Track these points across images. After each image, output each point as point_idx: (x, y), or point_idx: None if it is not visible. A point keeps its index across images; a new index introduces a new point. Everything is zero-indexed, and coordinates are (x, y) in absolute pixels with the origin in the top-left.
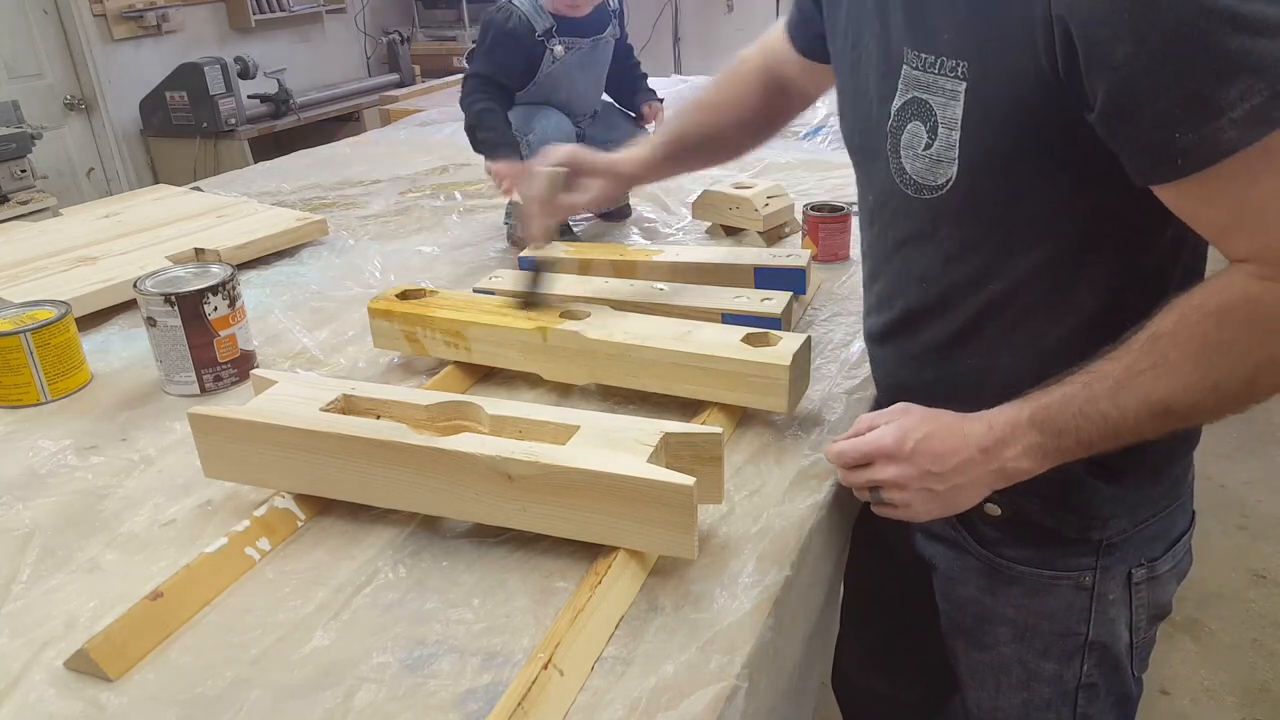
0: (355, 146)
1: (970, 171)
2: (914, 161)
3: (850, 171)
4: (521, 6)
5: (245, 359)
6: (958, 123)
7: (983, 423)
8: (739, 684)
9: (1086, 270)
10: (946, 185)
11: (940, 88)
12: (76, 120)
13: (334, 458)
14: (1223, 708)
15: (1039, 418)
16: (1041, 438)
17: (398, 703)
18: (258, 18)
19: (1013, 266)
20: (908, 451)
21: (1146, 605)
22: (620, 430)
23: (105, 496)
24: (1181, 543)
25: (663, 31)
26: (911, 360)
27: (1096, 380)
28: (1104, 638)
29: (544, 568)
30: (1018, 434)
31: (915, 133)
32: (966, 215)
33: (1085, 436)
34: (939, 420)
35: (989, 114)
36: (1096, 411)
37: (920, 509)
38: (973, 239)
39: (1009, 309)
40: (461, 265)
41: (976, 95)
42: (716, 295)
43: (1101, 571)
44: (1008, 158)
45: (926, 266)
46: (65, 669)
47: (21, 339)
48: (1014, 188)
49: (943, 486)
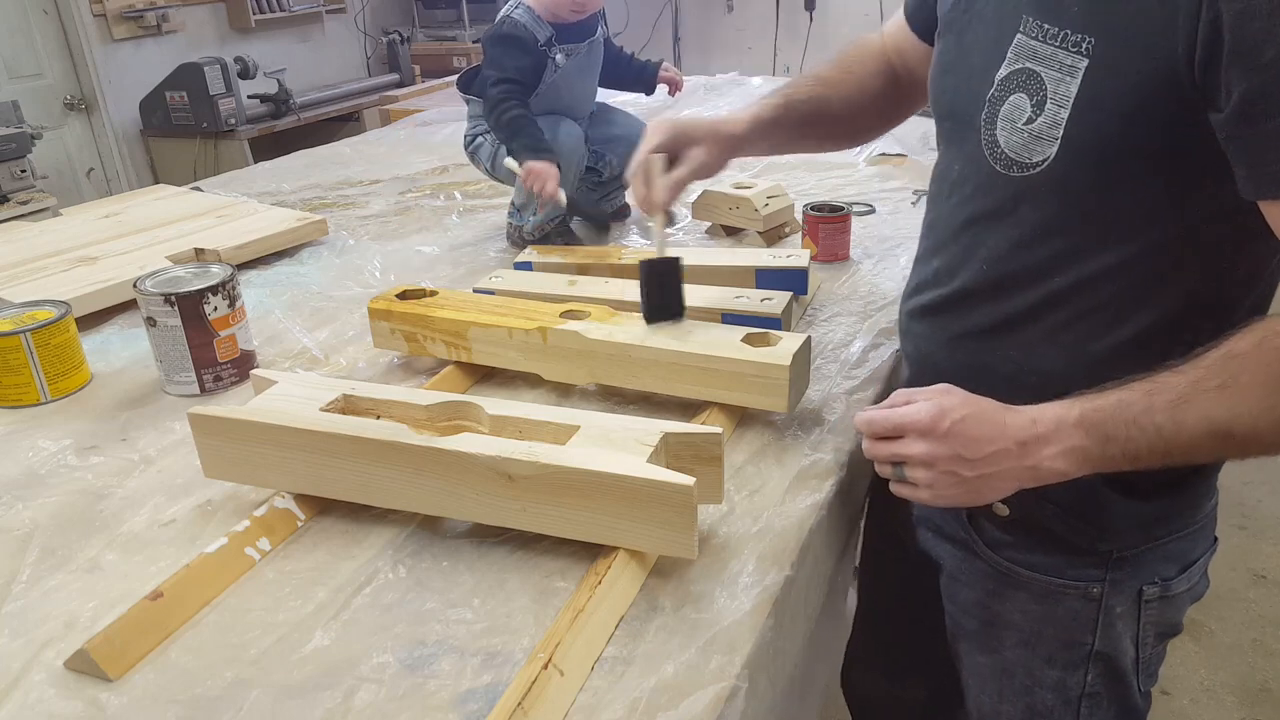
0: (355, 146)
1: (1070, 154)
2: (1010, 135)
3: (849, 172)
4: (522, 19)
5: (245, 359)
6: (1069, 101)
7: (1026, 416)
8: (739, 684)
9: (1154, 285)
10: (1041, 165)
11: (1057, 61)
12: (76, 120)
13: (334, 458)
14: (1223, 708)
15: (1089, 420)
16: (1087, 441)
17: (398, 703)
18: (258, 18)
19: (1081, 265)
20: (943, 430)
21: (1155, 623)
22: (620, 430)
23: (105, 496)
24: (1198, 565)
25: (663, 31)
26: (950, 340)
27: (1158, 391)
28: (1109, 650)
29: (544, 568)
30: (1061, 434)
31: (1018, 105)
32: (1052, 199)
33: (1134, 448)
34: (980, 405)
35: (1106, 96)
36: (1152, 423)
37: (943, 493)
38: (1051, 226)
39: (1065, 308)
40: (461, 265)
41: (1097, 75)
42: (716, 295)
43: (1111, 584)
44: (1114, 147)
45: (994, 246)
46: (65, 669)
47: (21, 339)
48: (1109, 180)
49: (971, 473)
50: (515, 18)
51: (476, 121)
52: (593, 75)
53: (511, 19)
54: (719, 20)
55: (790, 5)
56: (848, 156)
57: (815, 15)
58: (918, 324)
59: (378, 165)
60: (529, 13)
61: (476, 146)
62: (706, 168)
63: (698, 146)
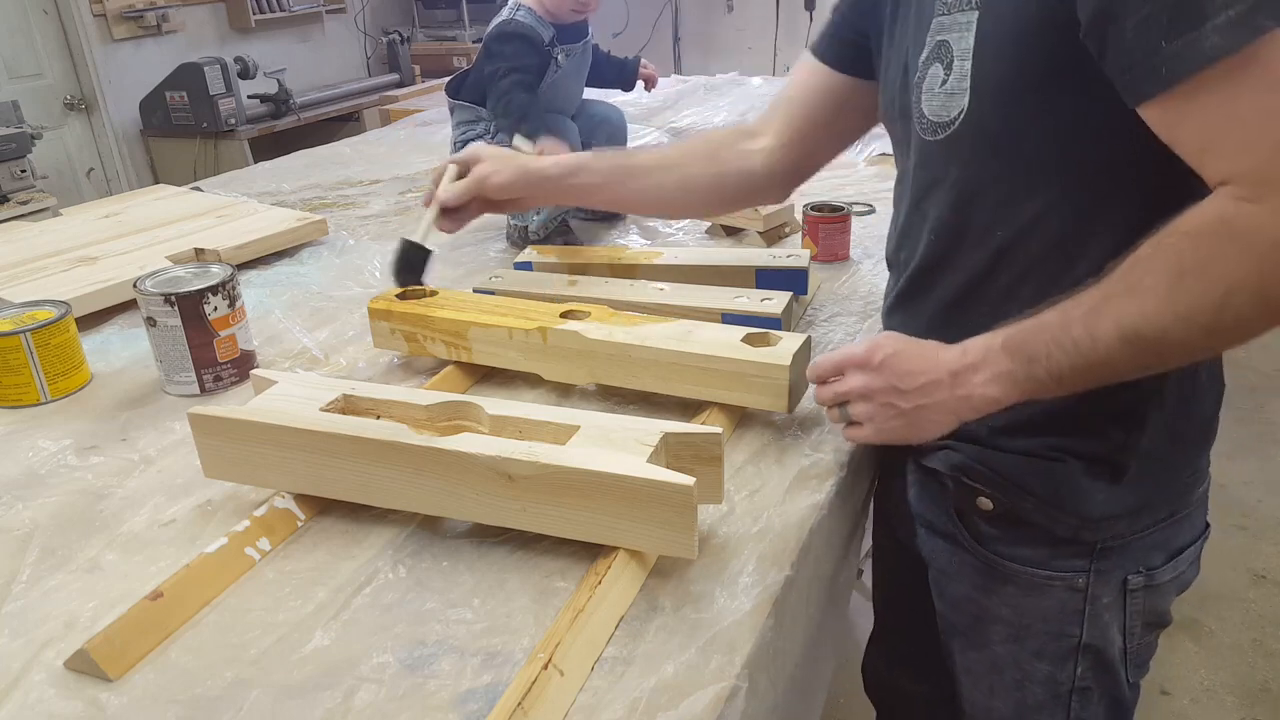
0: (355, 146)
1: (979, 101)
2: (930, 101)
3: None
4: (526, 19)
5: (245, 359)
6: (970, 53)
7: (957, 348)
8: (739, 684)
9: (1095, 222)
10: (958, 118)
11: (957, 24)
12: (76, 120)
13: (334, 458)
14: (1223, 708)
15: (1012, 343)
16: (1012, 364)
17: (398, 703)
18: (258, 18)
19: (1020, 212)
20: (876, 362)
21: (1141, 612)
22: (620, 430)
23: (105, 496)
24: (1186, 554)
25: (663, 31)
26: (924, 322)
27: (1072, 306)
28: (1097, 641)
29: (544, 568)
30: (989, 359)
31: (934, 75)
32: (975, 152)
33: (1056, 365)
34: (915, 342)
35: (996, 38)
36: (1069, 338)
37: (883, 426)
38: (980, 179)
39: (1015, 260)
40: (461, 265)
41: (986, 21)
42: (716, 295)
43: (1096, 575)
44: (1014, 84)
45: (938, 216)
46: (65, 669)
47: (21, 339)
48: (1020, 121)
49: (907, 405)
50: (520, 18)
51: (465, 127)
52: (584, 74)
53: (516, 20)
54: (719, 20)
55: (790, 5)
56: (848, 156)
57: (815, 15)
58: (891, 320)
59: (378, 165)
60: (531, 14)
61: None
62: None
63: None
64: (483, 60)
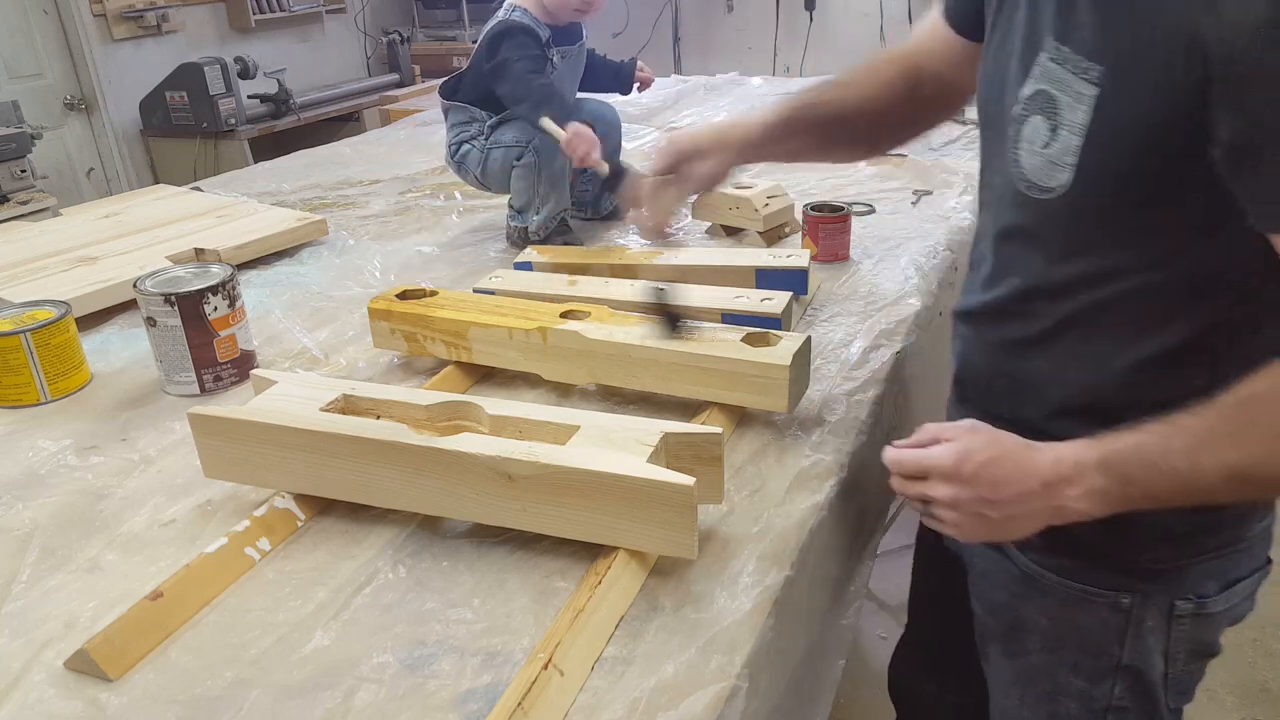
0: (355, 146)
1: (1084, 182)
2: (1030, 157)
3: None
4: (524, 19)
5: (245, 359)
6: (1082, 129)
7: (1049, 456)
8: (739, 684)
9: (1175, 308)
10: (1057, 190)
11: (1071, 87)
12: (76, 120)
13: (334, 458)
14: (1223, 708)
15: (1109, 461)
16: (1106, 482)
17: (398, 703)
18: (258, 18)
19: (1101, 287)
20: (966, 474)
21: (1187, 640)
22: (620, 430)
23: (105, 496)
24: (1241, 586)
25: (663, 31)
26: (988, 348)
27: (1175, 434)
28: (1138, 663)
29: (544, 568)
30: (1083, 475)
31: (1038, 127)
32: (1070, 224)
33: (1153, 489)
34: (1003, 446)
35: (1115, 128)
36: (1170, 466)
37: (970, 532)
38: (1071, 249)
39: (1086, 326)
40: (461, 265)
41: (1105, 105)
42: (716, 295)
43: (1142, 596)
44: (1124, 178)
45: (1025, 264)
46: (65, 669)
47: (21, 339)
48: (1123, 209)
49: (997, 514)
50: (517, 18)
51: (460, 129)
52: (578, 78)
53: (513, 19)
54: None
55: (790, 5)
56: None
57: (815, 15)
58: (962, 326)
59: (378, 165)
60: (528, 14)
61: (464, 155)
62: (710, 179)
63: (699, 160)
64: (482, 58)
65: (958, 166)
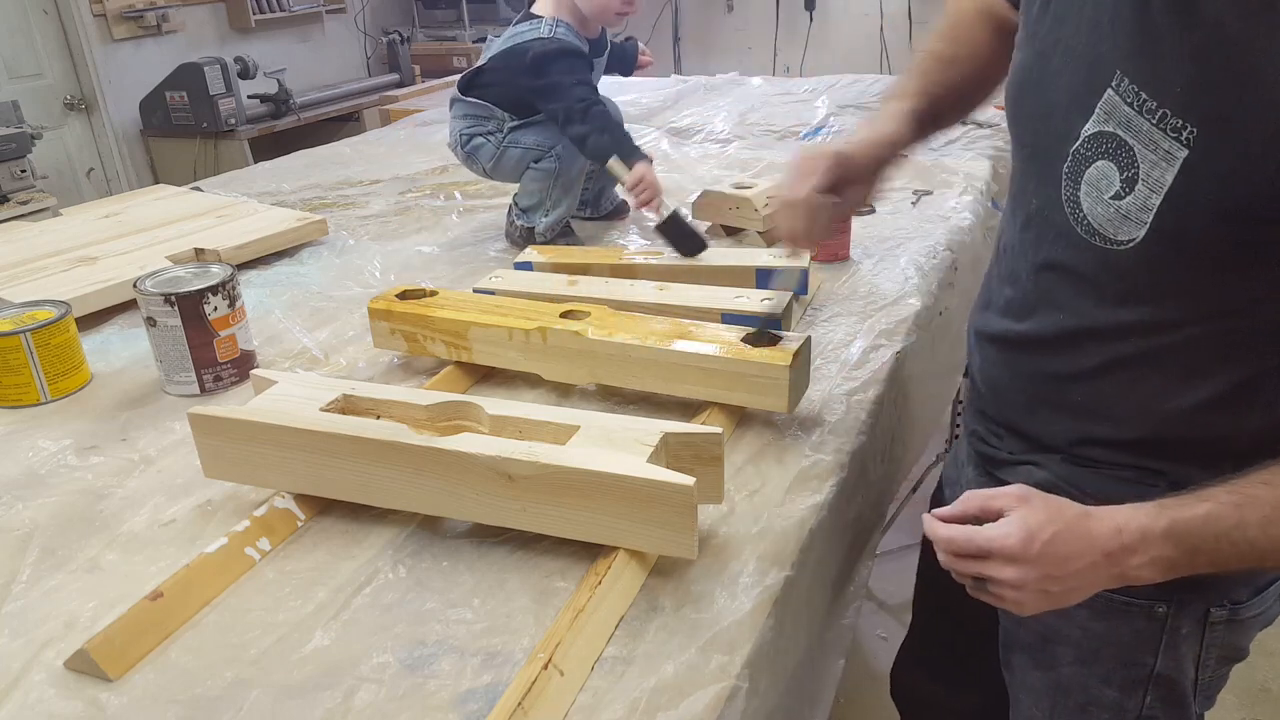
0: (355, 146)
1: (1160, 241)
2: (1095, 204)
3: None
4: (566, 35)
5: (245, 359)
6: (1163, 188)
7: (1111, 524)
8: (739, 684)
9: (1235, 354)
10: (1127, 244)
11: (1154, 142)
12: (76, 120)
13: (334, 458)
14: (1223, 708)
15: (1176, 532)
16: (1174, 553)
17: (398, 703)
18: (258, 18)
19: (1160, 334)
20: (1033, 555)
21: (1219, 646)
22: (620, 430)
23: (105, 496)
24: (1273, 589)
25: (663, 31)
26: (1023, 378)
27: (1249, 506)
28: (1171, 672)
29: (544, 568)
30: (1148, 544)
31: (1105, 173)
32: (1135, 276)
33: (1223, 559)
34: (1064, 517)
35: (1205, 193)
36: (1244, 539)
37: (1031, 608)
38: (1132, 296)
39: (1139, 367)
40: (461, 265)
41: (1196, 169)
42: (716, 295)
43: (1177, 604)
44: (1207, 242)
45: (1073, 303)
46: (65, 669)
47: (21, 339)
48: (1199, 269)
49: (1059, 589)
50: (561, 34)
51: (474, 122)
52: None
53: (557, 37)
54: (719, 20)
55: (790, 5)
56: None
57: (815, 15)
58: (988, 349)
59: (378, 165)
60: (570, 30)
61: (475, 147)
62: (863, 200)
63: (859, 185)
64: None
65: (958, 166)
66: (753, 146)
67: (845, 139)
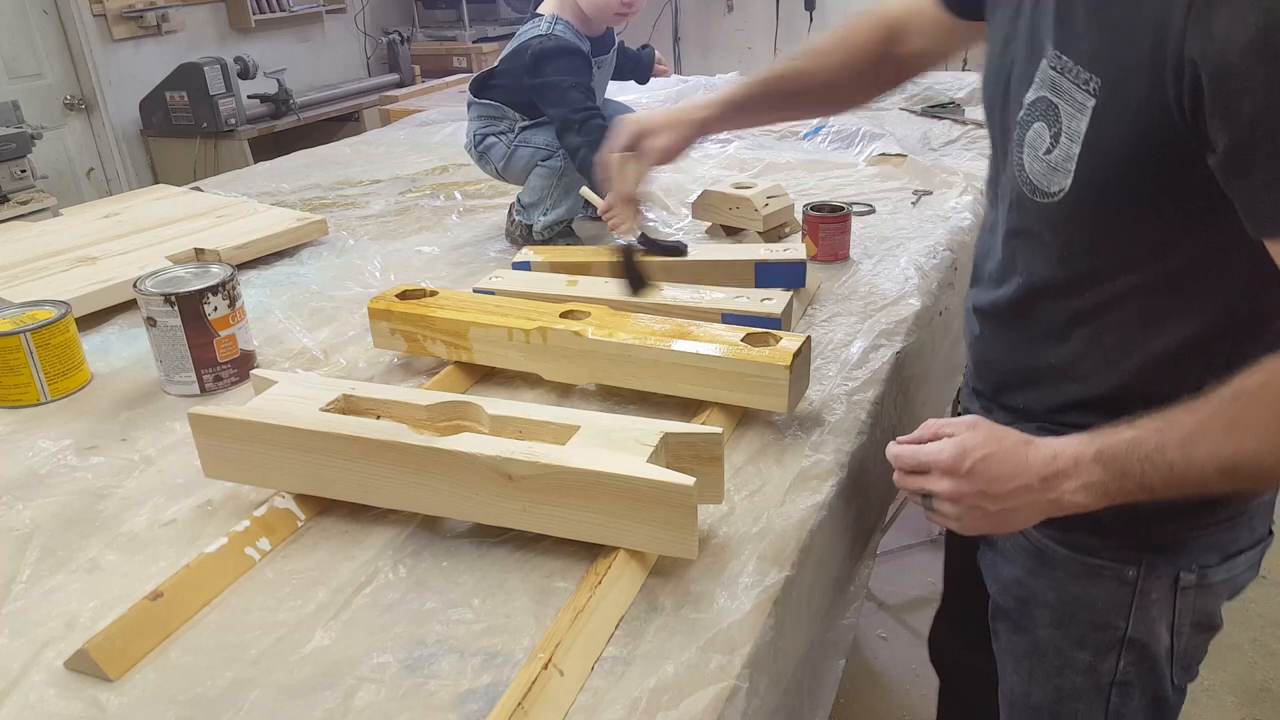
0: (355, 146)
1: (1082, 189)
2: (1033, 162)
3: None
4: (565, 33)
5: (245, 359)
6: (1079, 137)
7: (1047, 451)
8: (739, 684)
9: (1180, 306)
10: (1058, 195)
11: (1071, 96)
12: (76, 120)
13: (334, 458)
14: (1223, 708)
15: (1105, 456)
16: (1104, 476)
17: (398, 703)
18: (258, 18)
19: (1103, 287)
20: (965, 469)
21: (1191, 611)
22: (620, 430)
23: (105, 496)
24: (1243, 557)
25: (663, 31)
26: (1001, 342)
27: (1169, 429)
28: (1143, 636)
29: (544, 568)
30: (1080, 469)
31: (1040, 134)
32: (1070, 227)
33: (1148, 482)
34: (1002, 442)
35: (1111, 137)
36: (1164, 460)
37: (969, 525)
38: (1072, 250)
39: (1094, 324)
40: (461, 265)
41: (1103, 115)
42: (716, 295)
43: (1147, 568)
44: (1122, 184)
45: (1030, 264)
46: (65, 669)
47: (21, 339)
48: (1122, 214)
49: (995, 508)
50: (559, 32)
51: (487, 122)
52: (607, 82)
53: (556, 34)
54: (719, 20)
55: (790, 5)
56: (848, 156)
57: (815, 15)
58: (974, 320)
59: (378, 165)
60: (570, 28)
61: (488, 147)
62: (666, 153)
63: (654, 136)
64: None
65: (958, 166)
66: (753, 146)
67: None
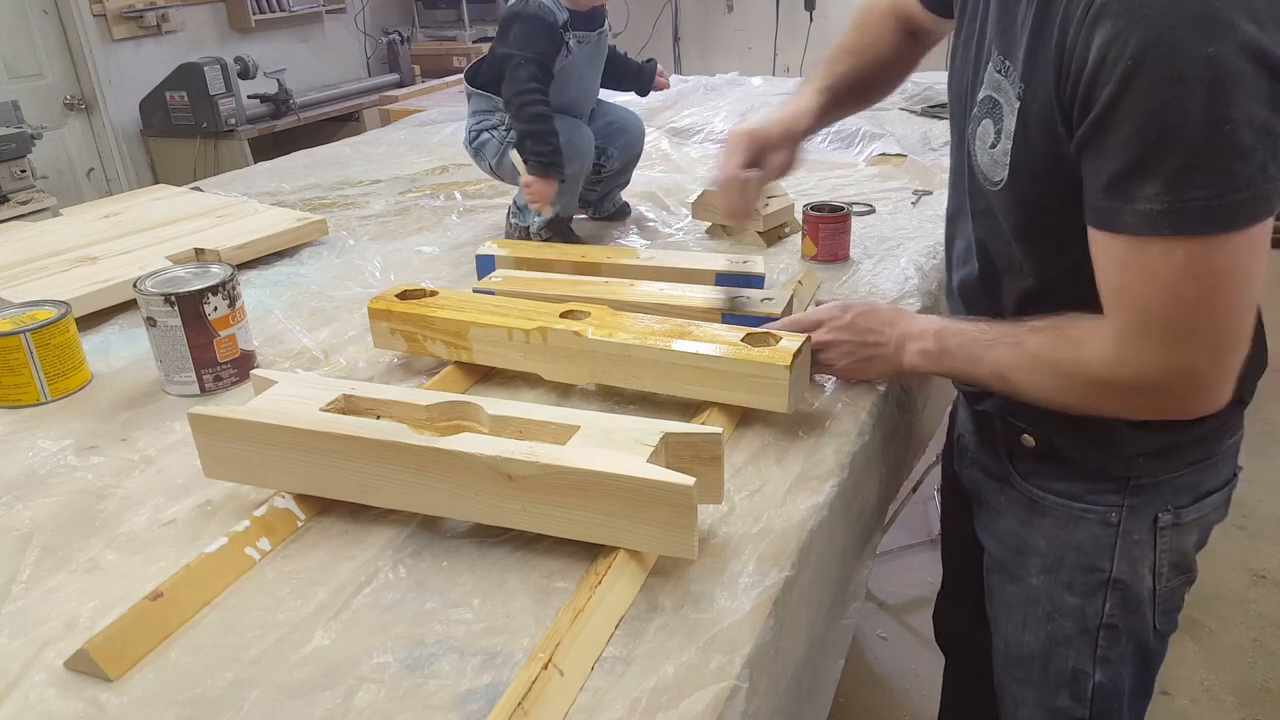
0: (355, 146)
1: (1017, 180)
2: (981, 154)
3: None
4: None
5: (245, 359)
6: (1011, 135)
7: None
8: (739, 684)
9: None
10: (999, 185)
11: (1008, 96)
12: (76, 120)
13: (334, 458)
14: (1223, 708)
15: (943, 334)
16: (935, 347)
17: (398, 703)
18: (258, 18)
19: (1045, 266)
20: (846, 320)
21: (1169, 551)
22: (620, 430)
23: (105, 496)
24: (1211, 498)
25: (663, 31)
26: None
27: (986, 332)
28: (1126, 577)
29: (544, 568)
30: (924, 337)
31: (987, 129)
32: (1010, 213)
33: (955, 365)
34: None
35: (1033, 136)
36: (969, 353)
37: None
38: (1015, 233)
39: (1044, 301)
40: (461, 265)
41: (1025, 115)
42: (717, 295)
43: (1129, 510)
44: (1045, 178)
45: (986, 243)
46: (65, 669)
47: (21, 339)
48: (1045, 201)
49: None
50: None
51: (481, 116)
52: (598, 70)
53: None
54: (719, 20)
55: (790, 5)
56: (848, 156)
57: (815, 15)
58: (954, 301)
59: (378, 165)
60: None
61: (482, 143)
62: (784, 169)
63: (776, 152)
64: (497, 39)
65: None
66: None
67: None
